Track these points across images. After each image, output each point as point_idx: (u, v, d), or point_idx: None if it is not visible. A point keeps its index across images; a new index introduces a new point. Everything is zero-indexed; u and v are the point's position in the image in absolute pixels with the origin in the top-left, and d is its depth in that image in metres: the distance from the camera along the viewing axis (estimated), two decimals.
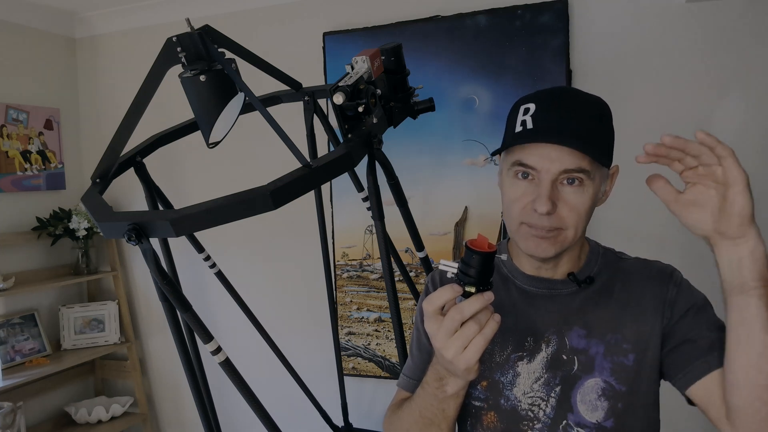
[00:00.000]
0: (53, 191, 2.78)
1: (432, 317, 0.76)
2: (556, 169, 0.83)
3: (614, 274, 0.94)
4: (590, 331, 0.90)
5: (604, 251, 0.98)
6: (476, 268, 0.74)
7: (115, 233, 1.06)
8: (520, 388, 0.91)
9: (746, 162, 2.11)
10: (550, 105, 0.86)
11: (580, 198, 0.85)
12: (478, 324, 0.74)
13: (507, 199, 0.90)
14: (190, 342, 1.46)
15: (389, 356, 2.38)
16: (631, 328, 0.89)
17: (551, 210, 0.83)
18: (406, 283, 1.77)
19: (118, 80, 2.84)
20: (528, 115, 0.86)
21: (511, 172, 0.89)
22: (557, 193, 0.84)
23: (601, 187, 0.89)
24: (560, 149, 0.83)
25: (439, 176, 2.25)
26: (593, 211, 0.89)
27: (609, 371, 0.88)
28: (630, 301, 0.91)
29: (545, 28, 2.05)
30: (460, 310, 0.74)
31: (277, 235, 2.57)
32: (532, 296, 0.95)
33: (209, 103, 1.25)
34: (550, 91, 0.90)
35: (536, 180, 0.85)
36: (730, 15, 1.89)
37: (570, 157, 0.83)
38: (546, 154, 0.84)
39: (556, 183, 0.84)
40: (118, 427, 2.69)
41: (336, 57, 2.36)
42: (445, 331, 0.75)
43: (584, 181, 0.85)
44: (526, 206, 0.86)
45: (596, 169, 0.86)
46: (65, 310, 2.73)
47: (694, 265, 2.01)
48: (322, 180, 1.10)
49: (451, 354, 0.74)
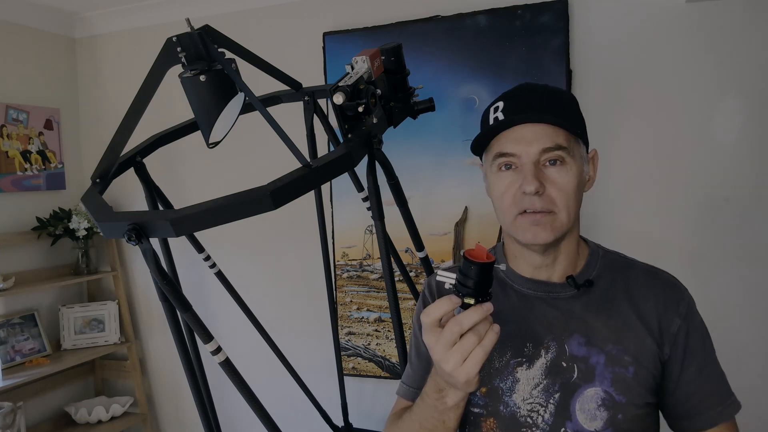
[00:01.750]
0: (53, 191, 2.78)
1: (430, 329, 0.76)
2: (534, 150, 0.86)
3: (618, 279, 0.93)
4: (590, 339, 0.89)
5: (605, 253, 0.97)
6: (475, 279, 0.73)
7: (115, 233, 1.06)
8: (519, 395, 0.90)
9: (746, 162, 2.11)
10: (517, 96, 0.91)
11: (565, 177, 0.87)
12: (477, 336, 0.73)
13: (496, 194, 0.92)
14: (190, 342, 1.46)
15: (389, 356, 2.38)
16: (634, 342, 0.88)
17: (539, 188, 0.85)
18: (406, 283, 1.76)
19: (118, 80, 2.84)
20: (498, 111, 0.90)
21: (494, 168, 0.91)
22: (543, 175, 0.86)
23: (584, 168, 0.91)
24: (534, 129, 0.86)
25: (439, 176, 2.25)
26: (582, 195, 0.91)
27: (609, 382, 0.87)
28: (631, 312, 0.90)
29: (545, 28, 2.05)
30: (459, 322, 0.73)
31: (277, 235, 2.57)
32: (531, 301, 0.94)
33: (209, 103, 1.25)
34: (515, 87, 0.94)
35: (519, 167, 0.88)
36: (730, 15, 1.89)
37: (545, 135, 0.86)
38: (522, 137, 0.87)
39: (539, 165, 0.86)
40: (118, 427, 2.69)
41: (336, 57, 2.36)
42: (443, 343, 0.74)
43: (565, 159, 0.87)
44: (516, 194, 0.88)
45: (574, 145, 0.88)
46: (65, 310, 2.73)
47: (692, 263, 2.02)
48: (322, 180, 1.10)
49: (450, 366, 0.74)
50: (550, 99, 0.91)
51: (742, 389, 1.00)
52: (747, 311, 1.94)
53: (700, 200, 1.97)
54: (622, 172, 2.04)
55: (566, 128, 0.86)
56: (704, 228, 1.97)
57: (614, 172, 2.04)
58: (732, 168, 1.92)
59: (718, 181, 1.94)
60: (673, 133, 1.98)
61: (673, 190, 1.99)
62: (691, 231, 1.98)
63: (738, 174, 1.92)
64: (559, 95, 0.93)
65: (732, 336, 1.93)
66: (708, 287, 1.97)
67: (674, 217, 2.00)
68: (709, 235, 1.96)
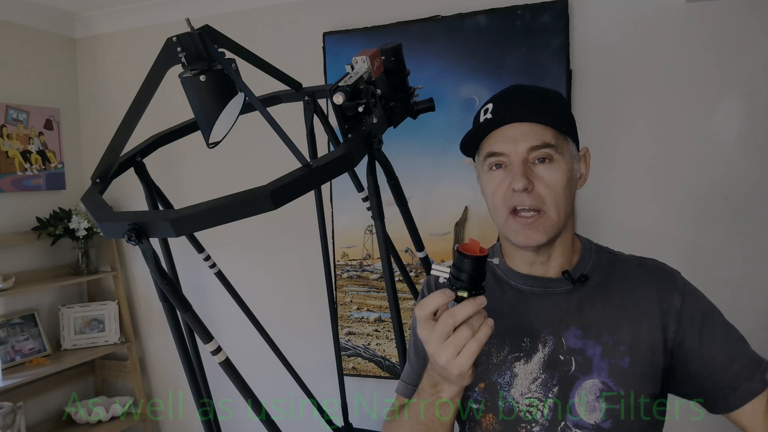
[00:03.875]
0: (53, 191, 2.78)
1: (424, 322, 0.77)
2: (522, 149, 0.87)
3: (609, 272, 0.95)
4: (586, 332, 0.90)
5: (597, 248, 0.99)
6: (468, 272, 0.74)
7: (115, 233, 1.06)
8: (517, 389, 0.91)
9: (746, 161, 2.11)
10: (506, 97, 0.93)
11: (554, 174, 0.88)
12: (470, 329, 0.74)
13: (488, 193, 0.93)
14: (190, 342, 1.45)
15: (389, 356, 2.38)
16: (627, 331, 0.89)
17: (527, 185, 0.86)
18: (406, 283, 1.77)
19: (118, 80, 2.84)
20: (488, 113, 0.92)
21: (485, 167, 0.92)
22: (531, 173, 0.87)
23: (574, 166, 0.92)
24: (521, 128, 0.87)
25: (439, 176, 2.25)
26: (573, 193, 0.92)
27: (607, 372, 0.87)
28: (625, 302, 0.91)
29: (545, 28, 2.05)
30: (452, 315, 0.74)
31: (277, 235, 2.57)
32: (527, 296, 0.95)
33: (209, 103, 1.25)
34: (505, 89, 0.96)
35: (509, 165, 0.89)
36: (730, 15, 1.89)
37: (532, 133, 0.87)
38: (510, 136, 0.88)
39: (527, 164, 0.88)
40: (118, 427, 2.69)
41: (336, 57, 2.36)
42: (437, 336, 0.75)
43: (554, 157, 0.88)
44: (506, 192, 0.89)
45: (563, 143, 0.89)
46: (65, 310, 2.73)
47: (692, 263, 2.02)
48: (322, 180, 1.10)
49: (444, 359, 0.75)
50: (537, 99, 0.92)
51: None
52: (747, 311, 1.94)
53: (700, 199, 1.97)
54: (621, 171, 2.04)
55: (553, 126, 0.88)
56: (703, 227, 1.97)
57: (614, 172, 2.04)
58: (731, 167, 1.93)
59: (717, 180, 1.94)
60: (673, 133, 1.98)
61: (672, 189, 1.99)
62: (691, 230, 1.98)
63: (737, 173, 1.92)
64: (546, 95, 0.94)
65: None
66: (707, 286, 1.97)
67: (673, 215, 2.00)
68: (708, 234, 1.96)
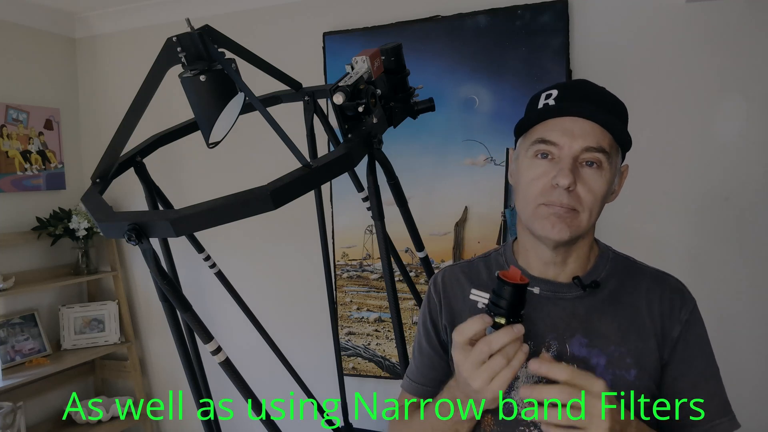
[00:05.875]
0: (53, 191, 2.78)
1: (461, 347, 0.77)
2: (578, 146, 0.84)
3: (625, 281, 0.93)
4: (592, 341, 0.89)
5: (615, 256, 0.97)
6: (507, 299, 0.74)
7: (115, 233, 1.06)
8: (518, 391, 0.90)
9: (746, 162, 2.11)
10: (573, 89, 0.89)
11: (598, 181, 0.85)
12: (505, 358, 0.74)
13: (526, 179, 0.89)
14: (190, 342, 1.46)
15: (389, 356, 2.38)
16: (636, 344, 0.88)
17: (572, 184, 0.83)
18: (406, 283, 1.77)
19: (118, 80, 2.84)
20: (551, 98, 0.88)
21: (531, 153, 0.88)
22: (577, 172, 0.84)
23: (614, 179, 0.89)
24: (582, 125, 0.84)
25: (439, 176, 2.25)
26: (605, 203, 0.89)
27: (609, 384, 0.87)
28: (638, 316, 0.90)
29: (545, 28, 2.05)
30: (489, 343, 0.74)
31: (277, 235, 2.57)
32: (535, 299, 0.93)
33: (209, 103, 1.25)
34: (572, 80, 0.93)
35: (557, 158, 0.86)
36: (730, 15, 1.89)
37: (592, 134, 0.84)
38: (568, 129, 0.84)
39: (576, 162, 0.85)
40: (118, 427, 2.69)
41: (336, 57, 2.36)
42: (472, 362, 0.75)
43: (603, 164, 0.85)
44: (546, 185, 0.86)
45: (615, 153, 0.87)
46: (65, 310, 2.73)
47: (693, 266, 2.02)
48: (322, 180, 1.10)
49: (478, 384, 0.75)
50: (607, 100, 0.89)
51: (741, 388, 1.00)
52: (747, 311, 1.94)
53: (700, 200, 1.97)
54: None
55: (614, 133, 0.85)
56: (704, 227, 1.97)
57: None
58: (732, 168, 1.92)
59: (718, 181, 1.94)
60: (673, 133, 1.98)
61: (672, 190, 1.99)
62: (691, 231, 1.98)
63: (738, 174, 1.92)
64: (615, 100, 0.91)
65: (732, 335, 1.93)
66: (708, 286, 1.97)
67: (674, 216, 2.00)
68: (708, 235, 1.96)
